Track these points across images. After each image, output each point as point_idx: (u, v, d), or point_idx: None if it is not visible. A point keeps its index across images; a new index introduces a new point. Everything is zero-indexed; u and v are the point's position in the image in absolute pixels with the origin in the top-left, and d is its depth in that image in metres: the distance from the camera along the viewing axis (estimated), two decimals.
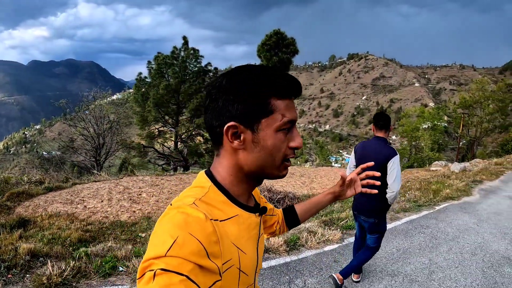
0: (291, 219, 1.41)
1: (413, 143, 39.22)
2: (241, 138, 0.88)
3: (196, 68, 25.97)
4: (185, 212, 0.77)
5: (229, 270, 0.82)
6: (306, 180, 13.86)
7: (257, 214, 1.01)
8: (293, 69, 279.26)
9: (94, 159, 21.46)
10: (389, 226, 6.50)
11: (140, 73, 26.64)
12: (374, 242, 3.85)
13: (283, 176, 0.96)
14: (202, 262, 0.71)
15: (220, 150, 0.94)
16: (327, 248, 5.29)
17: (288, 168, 0.96)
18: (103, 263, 4.01)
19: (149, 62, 25.57)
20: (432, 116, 39.59)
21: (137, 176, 12.12)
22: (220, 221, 0.84)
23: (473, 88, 40.86)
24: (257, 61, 27.40)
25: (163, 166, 25.46)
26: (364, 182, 1.36)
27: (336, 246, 5.38)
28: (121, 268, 4.00)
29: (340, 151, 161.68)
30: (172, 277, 0.66)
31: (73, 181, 10.50)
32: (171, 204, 0.84)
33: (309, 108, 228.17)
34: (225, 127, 0.87)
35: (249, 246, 0.93)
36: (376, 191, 1.39)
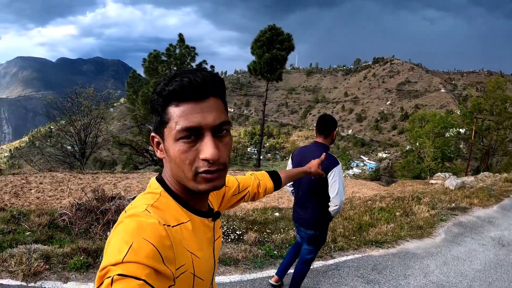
0: (276, 181, 1.59)
1: (420, 150, 35.43)
2: (160, 147, 0.90)
3: (189, 66, 25.34)
4: (138, 219, 0.78)
5: (182, 275, 0.83)
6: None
7: (210, 218, 1.01)
8: (318, 72, 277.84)
9: (73, 154, 20.99)
10: None
11: (134, 71, 26.51)
12: (310, 253, 3.57)
13: (204, 191, 0.90)
14: (158, 266, 0.72)
15: None
16: None
17: (213, 182, 0.88)
18: None
19: (144, 60, 25.47)
20: (443, 121, 35.44)
21: (54, 172, 12.33)
22: (172, 226, 0.84)
23: (488, 89, 35.60)
24: (251, 58, 26.40)
25: (136, 164, 25.50)
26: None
27: None
28: None
29: (362, 156, 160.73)
30: (130, 282, 0.67)
31: None
32: (125, 212, 0.84)
33: (332, 112, 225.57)
34: (150, 137, 0.93)
35: (203, 251, 0.93)
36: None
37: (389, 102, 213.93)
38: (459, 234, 6.70)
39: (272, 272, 4.29)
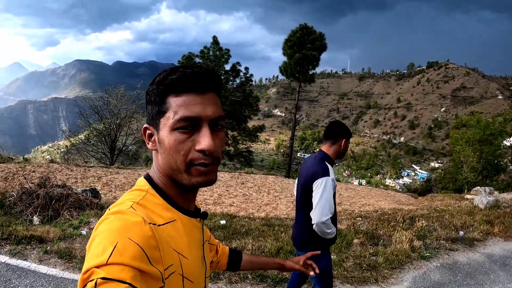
0: (233, 261, 1.41)
1: (462, 160, 31.65)
2: (152, 138, 0.88)
3: (223, 68, 25.96)
4: (122, 217, 0.76)
5: (171, 276, 0.80)
6: (240, 192, 11.81)
7: (198, 219, 0.98)
8: (370, 76, 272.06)
9: (101, 151, 22.02)
10: None
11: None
12: (317, 283, 2.88)
13: (197, 184, 0.87)
14: (144, 267, 0.70)
15: None
16: None
17: (207, 175, 0.86)
18: None
19: (178, 62, 25.85)
20: (489, 128, 30.08)
21: (53, 163, 13.05)
22: (158, 225, 0.81)
23: None
24: (283, 59, 25.81)
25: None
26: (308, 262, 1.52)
27: None
28: None
29: (414, 165, 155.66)
30: (115, 286, 0.65)
31: None
32: (109, 209, 0.82)
33: (384, 118, 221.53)
34: (142, 129, 0.91)
35: (192, 252, 0.90)
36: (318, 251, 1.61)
37: (443, 108, 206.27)
38: (438, 284, 4.25)
39: None
